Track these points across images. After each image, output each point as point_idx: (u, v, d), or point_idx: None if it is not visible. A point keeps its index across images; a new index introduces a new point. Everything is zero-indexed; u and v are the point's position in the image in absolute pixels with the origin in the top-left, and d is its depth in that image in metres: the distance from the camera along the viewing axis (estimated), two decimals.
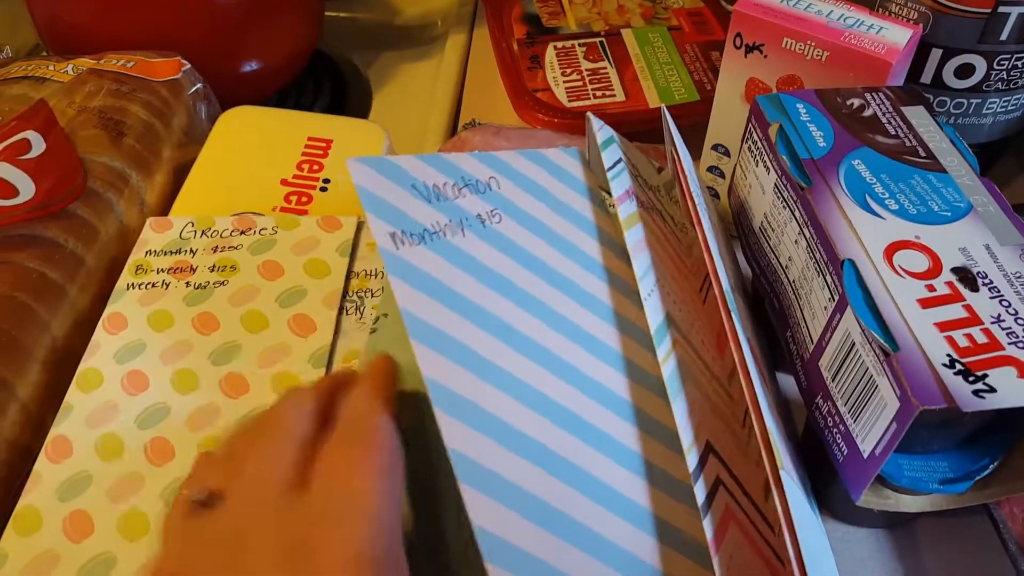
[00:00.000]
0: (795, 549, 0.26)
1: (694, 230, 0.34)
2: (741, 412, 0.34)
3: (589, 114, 0.37)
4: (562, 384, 0.29)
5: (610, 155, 0.35)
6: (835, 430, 0.32)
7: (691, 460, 0.28)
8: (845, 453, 0.31)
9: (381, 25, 0.74)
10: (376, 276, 0.40)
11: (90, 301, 0.40)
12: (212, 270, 0.39)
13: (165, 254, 0.40)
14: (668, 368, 0.29)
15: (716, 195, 0.48)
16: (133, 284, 0.39)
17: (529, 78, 0.55)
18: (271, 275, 0.39)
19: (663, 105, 0.38)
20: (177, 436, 0.33)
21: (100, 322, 0.37)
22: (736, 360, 0.30)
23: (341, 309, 0.38)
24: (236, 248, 0.40)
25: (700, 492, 0.28)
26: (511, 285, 0.30)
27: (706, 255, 0.32)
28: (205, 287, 0.38)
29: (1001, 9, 0.40)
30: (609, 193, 0.34)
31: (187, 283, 0.38)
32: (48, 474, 0.33)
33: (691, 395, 0.30)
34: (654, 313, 0.31)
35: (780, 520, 0.27)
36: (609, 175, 0.34)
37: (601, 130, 0.36)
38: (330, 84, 0.67)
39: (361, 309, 0.38)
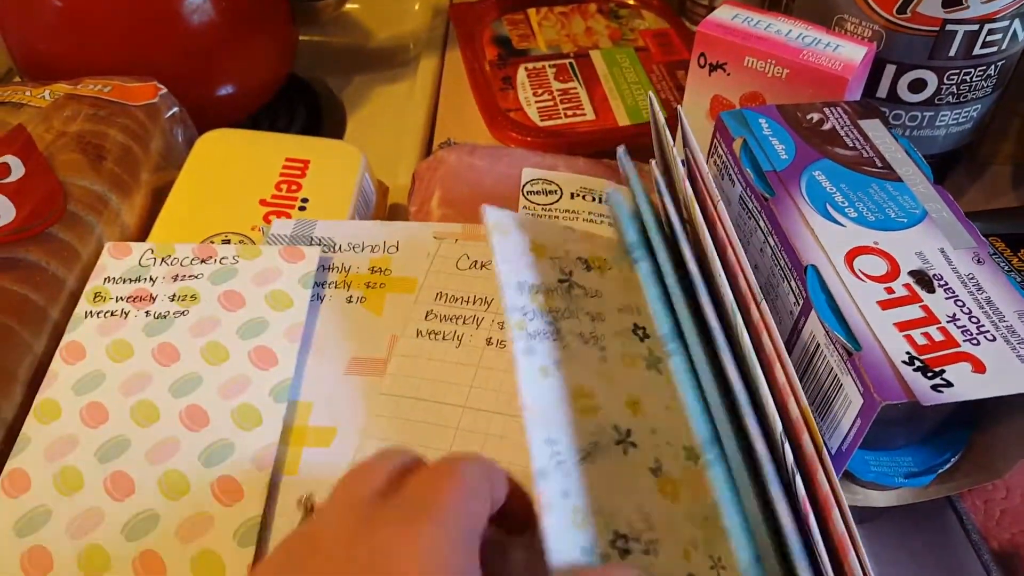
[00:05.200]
0: None
1: (714, 229, 0.33)
2: None
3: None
4: None
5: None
6: None
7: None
8: None
9: (354, 48, 0.76)
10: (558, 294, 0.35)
11: None
12: (172, 299, 0.39)
13: (124, 282, 0.39)
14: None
15: None
16: (91, 312, 0.38)
17: (501, 98, 0.57)
18: (232, 306, 0.39)
19: (678, 106, 0.39)
20: (137, 470, 0.33)
21: (58, 351, 0.37)
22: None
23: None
24: (196, 277, 0.40)
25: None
26: None
27: (732, 252, 0.32)
28: (165, 317, 0.38)
29: (948, 27, 0.43)
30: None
31: (147, 312, 0.38)
32: (4, 509, 0.32)
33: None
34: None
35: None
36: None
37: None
38: (304, 107, 0.68)
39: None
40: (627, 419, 0.31)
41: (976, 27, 0.43)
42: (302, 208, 0.46)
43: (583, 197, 0.47)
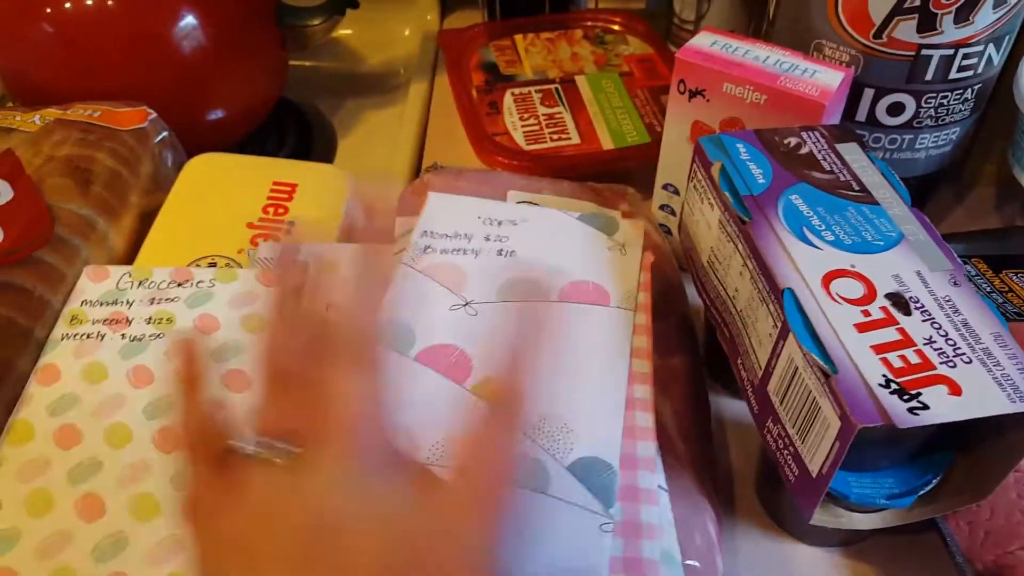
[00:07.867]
0: None
1: None
2: None
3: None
4: None
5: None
6: (785, 452, 0.33)
7: None
8: (796, 474, 0.33)
9: (345, 74, 0.76)
10: None
11: None
12: (148, 322, 0.39)
13: (101, 304, 0.39)
14: None
15: (668, 232, 0.50)
16: (68, 335, 0.38)
17: (488, 123, 0.57)
18: (207, 329, 0.39)
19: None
20: (108, 492, 0.33)
21: (33, 373, 0.37)
22: None
23: None
24: (173, 300, 0.40)
25: None
26: None
27: None
28: (141, 339, 0.38)
29: (924, 52, 0.43)
30: None
31: (123, 335, 0.38)
32: None
33: None
34: None
35: None
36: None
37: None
38: (295, 131, 0.69)
39: None
40: None
41: (951, 52, 0.43)
42: (288, 232, 0.46)
43: None
